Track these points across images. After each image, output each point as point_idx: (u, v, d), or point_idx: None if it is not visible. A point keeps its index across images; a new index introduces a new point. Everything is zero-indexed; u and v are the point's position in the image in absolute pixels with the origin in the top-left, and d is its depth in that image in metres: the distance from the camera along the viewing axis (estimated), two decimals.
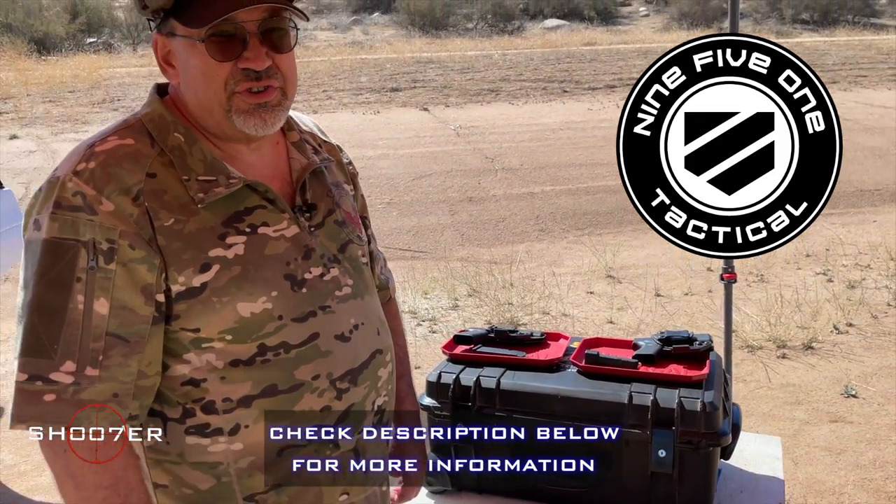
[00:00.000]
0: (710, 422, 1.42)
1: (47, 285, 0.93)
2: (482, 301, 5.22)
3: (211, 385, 1.01)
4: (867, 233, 6.55)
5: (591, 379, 1.54)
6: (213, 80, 0.99)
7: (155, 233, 0.96)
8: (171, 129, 1.02)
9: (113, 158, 0.97)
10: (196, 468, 1.03)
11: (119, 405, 0.96)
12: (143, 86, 14.58)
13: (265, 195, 1.05)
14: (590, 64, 16.81)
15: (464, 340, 1.71)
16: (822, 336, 4.45)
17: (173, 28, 1.00)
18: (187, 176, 1.00)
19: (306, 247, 1.07)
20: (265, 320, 1.01)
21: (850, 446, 3.32)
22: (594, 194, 8.02)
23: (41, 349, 0.92)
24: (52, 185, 0.96)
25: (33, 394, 0.92)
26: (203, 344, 1.00)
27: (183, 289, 0.98)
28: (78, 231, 0.93)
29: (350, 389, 1.08)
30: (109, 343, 0.94)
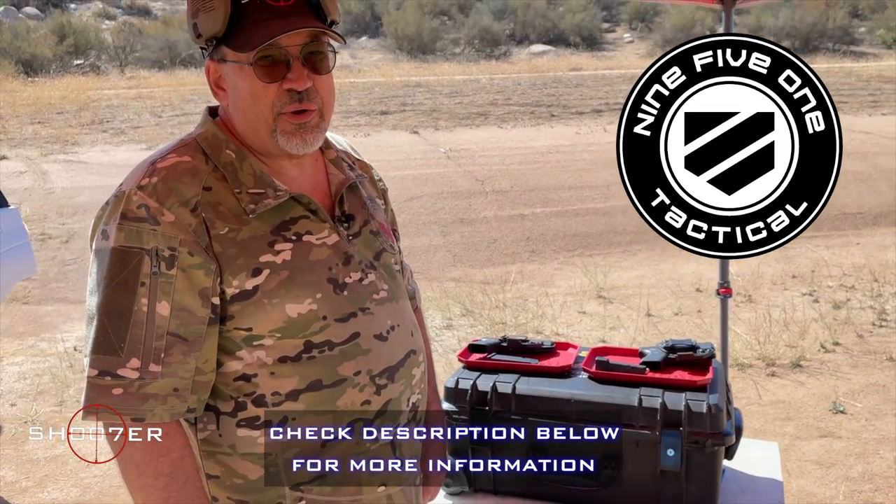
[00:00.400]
0: (715, 423, 1.49)
1: (115, 289, 1.02)
2: (476, 320, 5.29)
3: (261, 380, 1.09)
4: (851, 255, 6.71)
5: (601, 384, 1.61)
6: (260, 100, 1.08)
7: (211, 241, 1.05)
8: (223, 147, 1.12)
9: (173, 174, 1.06)
10: (246, 459, 1.10)
11: (179, 399, 1.05)
12: (132, 108, 14.63)
13: (308, 206, 1.14)
14: (576, 89, 17.07)
15: (478, 349, 1.78)
16: (809, 354, 4.56)
17: (224, 54, 1.09)
18: (239, 189, 1.09)
19: (346, 253, 1.16)
20: (311, 320, 1.09)
21: (840, 460, 3.40)
22: (584, 216, 8.15)
23: (110, 347, 1.02)
24: (118, 198, 1.06)
25: (103, 388, 1.02)
26: (254, 342, 1.08)
27: (237, 291, 1.07)
28: (142, 240, 1.02)
29: (388, 386, 1.16)
30: (170, 342, 1.03)
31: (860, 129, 12.93)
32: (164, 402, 1.03)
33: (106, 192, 4.68)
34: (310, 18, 1.09)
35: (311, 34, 1.09)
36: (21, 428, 3.90)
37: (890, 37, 24.28)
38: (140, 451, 1.03)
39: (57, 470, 3.52)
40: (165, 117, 13.98)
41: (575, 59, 23.16)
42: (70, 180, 9.57)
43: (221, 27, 1.06)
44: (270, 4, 1.06)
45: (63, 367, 4.63)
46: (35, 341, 5.19)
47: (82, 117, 13.79)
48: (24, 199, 8.74)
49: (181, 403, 1.05)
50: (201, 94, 16.19)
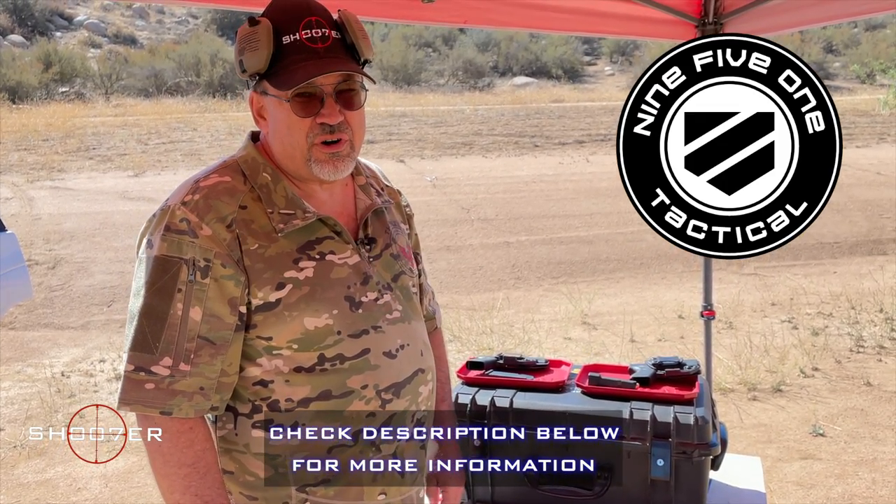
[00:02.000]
0: (702, 434, 1.58)
1: (155, 294, 1.13)
2: (463, 346, 5.36)
3: (277, 386, 1.19)
4: (828, 283, 6.87)
5: (594, 398, 1.69)
6: (296, 132, 1.19)
7: (242, 255, 1.16)
8: (260, 170, 1.23)
9: (214, 192, 1.17)
10: (258, 458, 1.20)
11: (204, 397, 1.15)
12: (118, 135, 14.66)
13: (334, 228, 1.24)
14: (559, 120, 17.35)
15: (476, 366, 1.86)
16: (789, 379, 4.67)
17: (266, 88, 1.20)
18: (271, 209, 1.20)
19: (365, 274, 1.25)
20: (326, 334, 1.19)
21: (821, 481, 3.49)
22: (568, 244, 8.28)
23: (146, 346, 1.12)
24: (164, 212, 1.16)
25: (137, 382, 1.13)
26: (273, 351, 1.18)
27: (261, 303, 1.17)
28: (182, 250, 1.13)
29: (393, 400, 1.24)
30: (200, 344, 1.13)
31: None
32: (190, 398, 1.13)
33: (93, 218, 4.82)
34: (344, 60, 1.20)
35: (344, 74, 1.19)
36: (10, 452, 3.89)
37: (863, 71, 24.94)
38: (167, 441, 1.12)
39: (48, 493, 3.52)
40: (152, 145, 14.02)
41: (557, 90, 23.56)
42: (57, 207, 9.58)
43: (264, 65, 1.17)
44: (309, 46, 1.16)
45: (51, 393, 4.63)
46: (22, 367, 5.19)
47: (68, 144, 13.80)
48: (11, 225, 8.69)
49: (205, 401, 1.15)
50: (187, 122, 16.27)
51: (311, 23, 1.17)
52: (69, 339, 5.80)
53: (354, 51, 1.22)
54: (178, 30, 29.84)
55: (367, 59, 1.25)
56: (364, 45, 1.23)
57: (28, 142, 13.89)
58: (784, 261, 7.71)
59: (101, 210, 9.40)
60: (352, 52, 1.22)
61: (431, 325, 1.53)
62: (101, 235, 8.39)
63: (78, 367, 5.14)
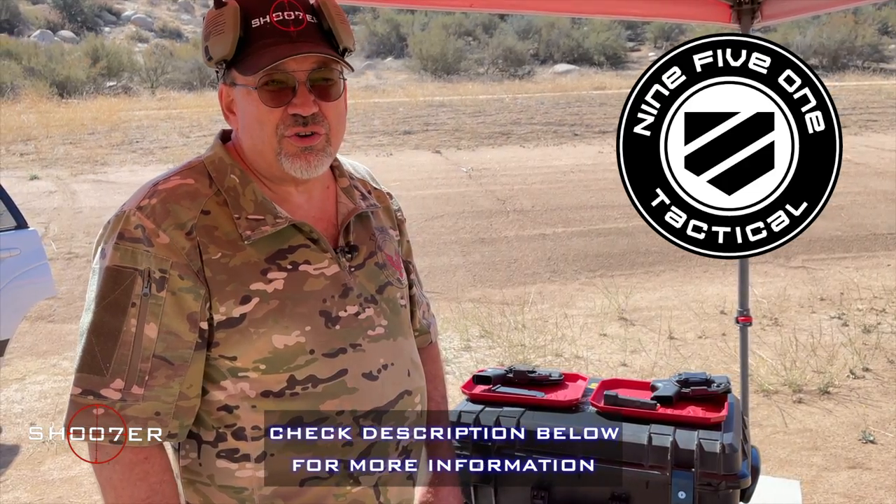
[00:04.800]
0: (730, 464, 1.43)
1: (106, 308, 1.02)
2: (494, 342, 5.23)
3: (243, 412, 1.07)
4: (882, 276, 6.55)
5: (610, 419, 1.55)
6: (265, 124, 1.07)
7: (203, 265, 1.04)
8: (228, 171, 1.11)
9: (173, 196, 1.06)
10: (223, 491, 1.08)
11: (160, 423, 1.03)
12: (161, 128, 14.88)
13: (309, 235, 1.11)
14: (600, 108, 17.02)
15: (483, 380, 1.73)
16: (838, 381, 4.43)
17: (234, 78, 1.08)
18: (238, 214, 1.08)
19: (344, 285, 1.13)
20: (297, 353, 1.07)
21: (870, 493, 3.28)
22: (606, 236, 8.07)
23: (95, 366, 1.01)
24: (118, 218, 1.05)
25: (84, 406, 1.01)
26: (239, 373, 1.06)
27: (224, 318, 1.05)
28: (136, 260, 1.02)
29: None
30: (155, 364, 1.02)
31: (890, 148, 12.70)
32: (142, 425, 1.02)
33: None
34: (320, 45, 1.08)
35: (319, 60, 1.07)
36: (38, 448, 3.91)
37: None
38: (118, 473, 1.01)
39: (71, 491, 3.51)
40: (193, 137, 14.18)
41: (599, 78, 23.14)
42: (98, 200, 9.72)
43: (230, 50, 1.06)
44: (280, 29, 1.05)
45: None
46: (58, 360, 5.23)
47: (113, 138, 14.05)
48: (52, 218, 8.89)
49: (161, 427, 1.03)
50: None
51: (282, 5, 1.06)
52: None
53: (332, 37, 1.10)
54: None
55: (346, 48, 1.12)
56: (343, 30, 1.10)
57: (74, 136, 14.19)
58: (834, 253, 7.38)
59: None
60: (329, 38, 1.10)
61: (425, 340, 1.39)
62: None
63: None
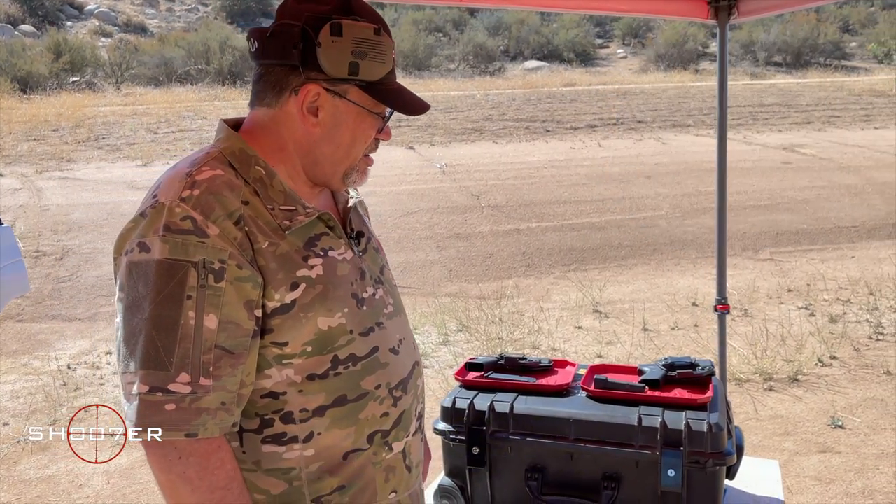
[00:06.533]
0: (717, 442, 1.48)
1: (162, 303, 1.00)
2: (472, 336, 5.26)
3: (290, 397, 1.10)
4: (846, 268, 6.72)
5: (600, 403, 1.59)
6: (361, 143, 1.17)
7: (255, 254, 1.06)
8: (251, 163, 1.12)
9: (214, 186, 1.06)
10: (270, 475, 1.12)
11: (227, 412, 1.04)
12: (128, 124, 14.63)
13: (328, 223, 1.17)
14: (570, 104, 17.13)
15: (475, 367, 1.76)
16: (806, 369, 4.55)
17: (346, 92, 1.13)
18: (271, 205, 1.10)
19: (360, 269, 1.20)
20: (340, 334, 1.12)
21: (840, 476, 3.38)
22: (579, 231, 8.15)
23: (160, 362, 0.99)
24: (157, 210, 1.03)
25: (155, 404, 0.99)
26: (284, 360, 1.09)
27: (278, 305, 1.07)
28: (188, 252, 1.01)
29: (402, 397, 1.21)
30: (218, 355, 1.02)
31: (853, 143, 13.01)
32: (214, 416, 1.02)
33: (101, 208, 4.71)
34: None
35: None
36: (13, 448, 3.85)
37: (881, 51, 24.46)
38: (192, 466, 1.01)
39: (49, 490, 3.47)
40: (161, 134, 13.98)
41: (569, 74, 23.27)
42: (65, 197, 9.55)
43: (381, 77, 1.13)
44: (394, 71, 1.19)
45: (56, 386, 4.59)
46: (28, 359, 5.15)
47: (78, 134, 13.78)
48: (18, 216, 8.71)
49: (229, 417, 1.04)
50: (197, 110, 16.21)
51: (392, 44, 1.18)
52: (76, 330, 5.77)
53: None
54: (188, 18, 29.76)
55: None
56: None
57: (38, 132, 13.88)
58: (801, 246, 7.55)
59: (109, 200, 9.36)
60: None
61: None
62: (110, 226, 8.34)
63: (84, 360, 5.10)
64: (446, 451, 1.67)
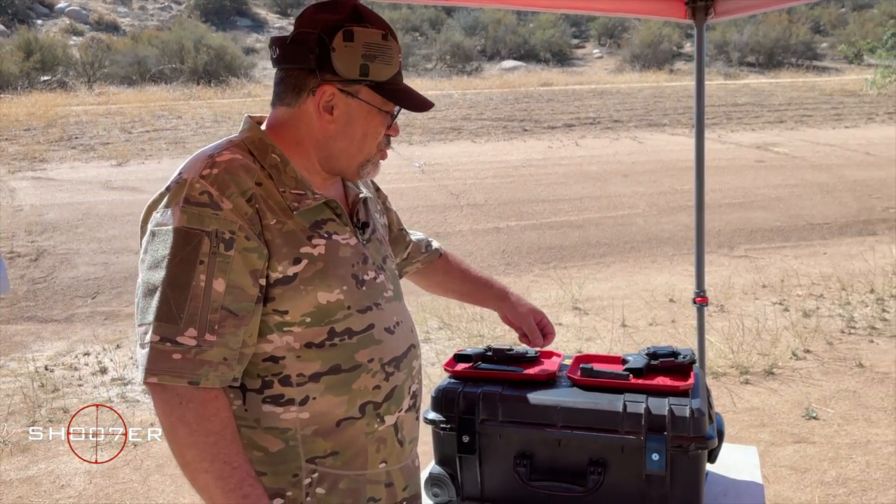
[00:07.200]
0: (699, 427, 1.52)
1: (178, 265, 1.13)
2: (453, 333, 5.30)
3: (288, 362, 1.22)
4: (818, 264, 6.86)
5: (586, 391, 1.63)
6: (372, 138, 1.30)
7: (263, 229, 1.19)
8: (268, 151, 1.26)
9: (231, 167, 1.19)
10: (269, 433, 1.23)
11: (228, 367, 1.15)
12: (101, 124, 14.45)
13: (335, 211, 1.30)
14: (547, 104, 17.24)
15: (463, 359, 1.79)
16: (781, 362, 4.65)
17: (358, 92, 1.25)
18: (283, 189, 1.23)
19: (363, 254, 1.32)
20: (337, 308, 1.24)
21: (814, 465, 3.47)
22: (558, 229, 8.23)
23: (171, 316, 1.11)
24: (180, 185, 1.17)
25: (164, 353, 1.11)
26: (285, 327, 1.21)
27: (280, 276, 1.20)
28: (203, 222, 1.14)
29: (394, 373, 1.31)
30: (223, 315, 1.14)
31: (824, 142, 13.25)
32: (216, 368, 1.13)
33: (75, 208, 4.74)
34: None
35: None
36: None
37: (851, 52, 24.91)
38: (191, 411, 1.11)
39: (30, 491, 3.45)
40: (135, 133, 13.84)
41: (545, 74, 23.41)
42: (39, 197, 9.42)
43: (388, 79, 1.26)
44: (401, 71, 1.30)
45: (34, 387, 4.54)
46: (4, 361, 5.09)
47: (50, 134, 13.59)
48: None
49: (229, 371, 1.15)
50: (172, 110, 16.06)
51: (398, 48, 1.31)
52: (53, 332, 5.71)
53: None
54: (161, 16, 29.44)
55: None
56: None
57: (9, 132, 13.66)
58: (774, 242, 7.69)
59: (84, 200, 9.26)
60: None
61: (437, 254, 1.81)
62: (85, 226, 8.26)
63: (62, 361, 5.06)
64: (436, 441, 1.70)
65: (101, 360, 5.03)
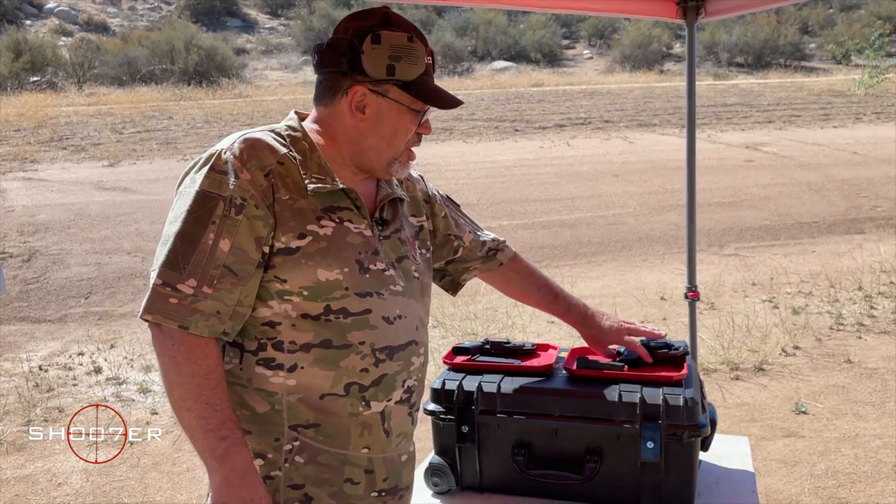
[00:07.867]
0: (692, 415, 1.56)
1: (192, 222, 1.23)
2: (447, 331, 5.34)
3: (284, 329, 1.30)
4: (807, 262, 6.93)
5: (582, 382, 1.67)
6: (402, 136, 1.37)
7: (274, 202, 1.28)
8: (300, 138, 1.37)
9: (258, 144, 1.29)
10: (258, 394, 1.31)
11: (219, 320, 1.24)
12: (92, 124, 14.42)
13: (355, 202, 1.36)
14: (538, 104, 17.31)
15: (462, 351, 1.83)
16: (771, 358, 4.70)
17: (387, 91, 1.33)
18: (305, 172, 1.32)
19: (374, 247, 1.37)
20: (335, 287, 1.30)
21: (804, 458, 3.52)
22: (549, 228, 8.28)
23: (176, 265, 1.22)
24: (211, 155, 1.28)
25: (163, 295, 1.21)
26: (285, 296, 1.29)
27: (283, 246, 1.28)
28: (221, 188, 1.24)
29: (386, 362, 1.35)
30: (223, 273, 1.24)
31: (813, 142, 13.36)
32: (207, 319, 1.22)
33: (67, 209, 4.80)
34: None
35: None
36: None
37: (839, 52, 25.11)
38: (181, 353, 1.21)
39: (27, 489, 3.46)
40: (126, 133, 13.81)
41: (536, 75, 23.48)
42: (30, 198, 9.40)
43: (415, 78, 1.33)
44: (431, 72, 1.37)
45: (29, 387, 4.55)
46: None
47: (40, 134, 13.54)
48: None
49: (219, 324, 1.24)
50: (162, 110, 16.03)
51: (429, 51, 1.37)
52: (46, 332, 5.71)
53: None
54: (151, 16, 29.34)
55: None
56: None
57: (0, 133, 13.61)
58: (764, 241, 7.77)
59: (75, 201, 9.24)
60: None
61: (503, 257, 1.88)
62: (77, 227, 8.25)
63: (56, 361, 5.06)
64: (436, 431, 1.74)
65: (95, 360, 5.04)
